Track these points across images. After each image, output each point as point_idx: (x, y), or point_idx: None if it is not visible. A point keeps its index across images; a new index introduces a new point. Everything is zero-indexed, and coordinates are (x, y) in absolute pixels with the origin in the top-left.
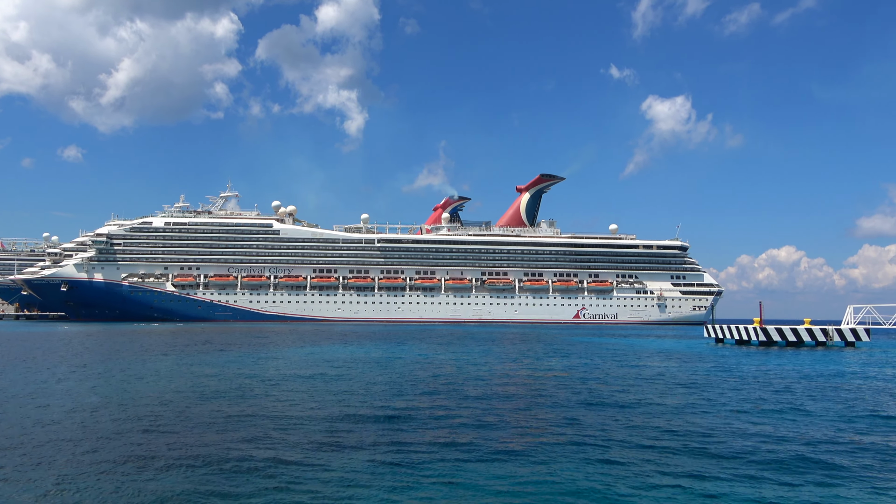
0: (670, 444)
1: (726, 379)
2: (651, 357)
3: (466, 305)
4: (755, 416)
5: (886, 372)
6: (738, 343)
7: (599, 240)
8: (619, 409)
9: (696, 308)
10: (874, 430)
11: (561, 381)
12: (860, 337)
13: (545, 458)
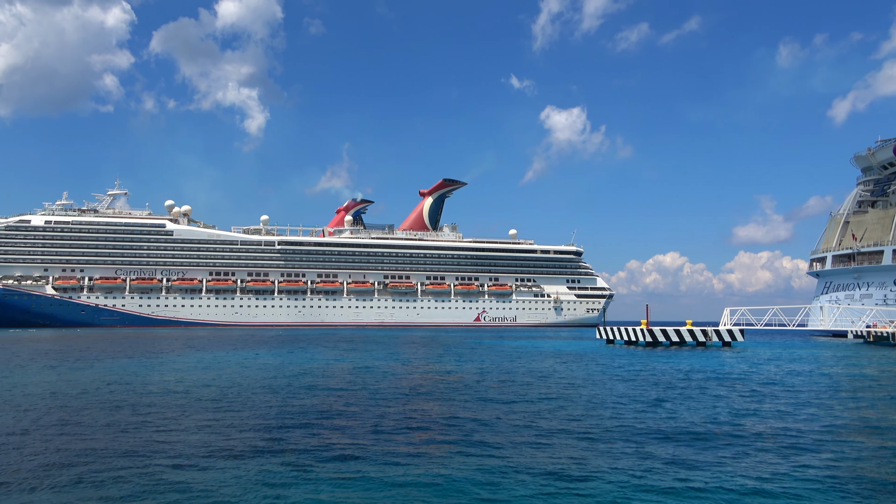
0: (564, 441)
1: (612, 377)
2: (547, 358)
3: (369, 309)
4: (632, 411)
5: (749, 368)
6: (627, 344)
7: (500, 244)
8: (511, 408)
9: (589, 311)
10: (734, 422)
11: (459, 384)
12: (735, 337)
13: (439, 461)
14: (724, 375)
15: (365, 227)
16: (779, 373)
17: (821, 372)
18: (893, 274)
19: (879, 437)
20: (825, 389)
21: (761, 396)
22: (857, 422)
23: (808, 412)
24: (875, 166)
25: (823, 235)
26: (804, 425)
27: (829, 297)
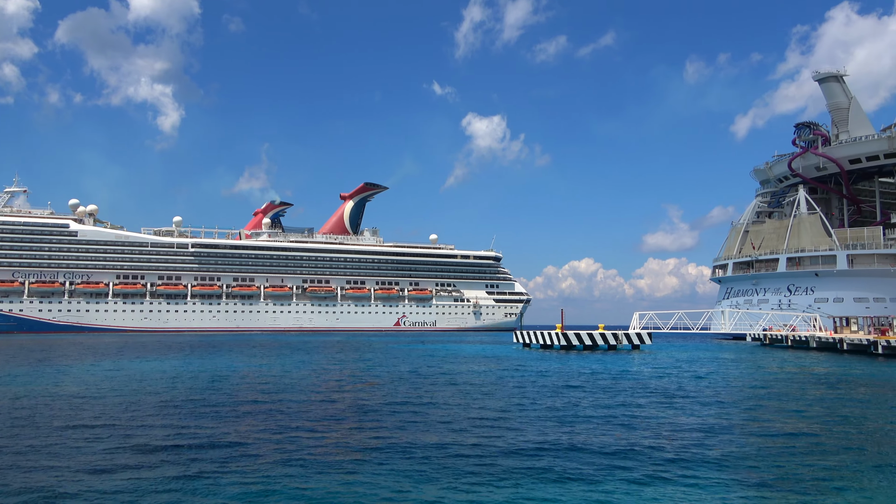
0: (477, 442)
1: (527, 380)
2: (463, 362)
3: (287, 314)
4: (539, 412)
5: (653, 370)
6: (542, 347)
7: (420, 249)
8: (430, 412)
9: (507, 315)
10: (632, 421)
11: (377, 388)
12: (644, 340)
13: (352, 467)
14: (631, 377)
15: (284, 230)
16: (680, 373)
17: (719, 373)
18: (787, 280)
19: (769, 436)
20: (722, 389)
21: (662, 397)
22: (748, 419)
23: (701, 410)
24: (772, 179)
25: (725, 244)
26: (695, 420)
27: (730, 301)
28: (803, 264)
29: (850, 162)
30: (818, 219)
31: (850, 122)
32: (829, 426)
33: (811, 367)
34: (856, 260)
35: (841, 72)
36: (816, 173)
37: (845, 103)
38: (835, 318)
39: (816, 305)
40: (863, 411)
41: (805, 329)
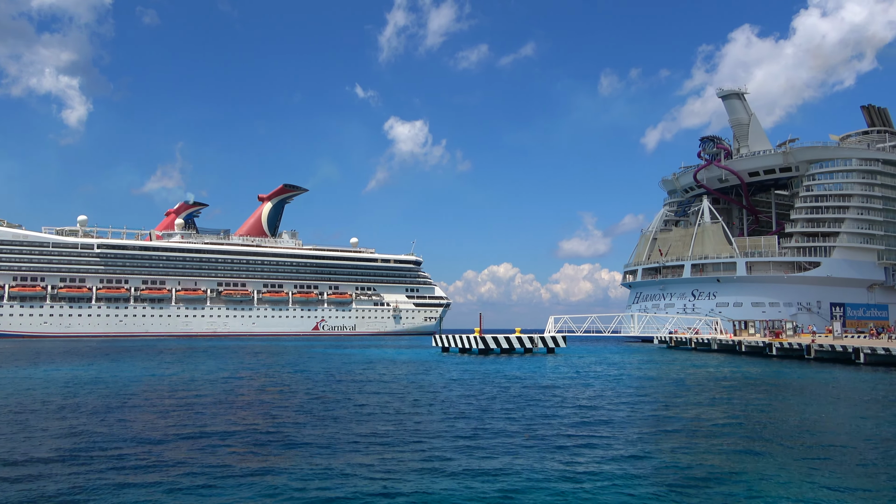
0: (388, 445)
1: (440, 384)
2: (380, 366)
3: (200, 318)
4: (449, 415)
5: (566, 371)
6: (461, 351)
7: (340, 253)
8: (338, 420)
9: (427, 319)
10: (540, 423)
11: (287, 396)
12: (558, 343)
13: (254, 479)
14: (543, 379)
15: (198, 231)
16: (589, 375)
17: (626, 374)
18: (692, 286)
19: (672, 432)
20: (628, 389)
21: (571, 397)
22: (652, 417)
23: (609, 409)
24: (679, 189)
25: (635, 250)
26: (603, 419)
27: (639, 306)
28: (706, 271)
29: (749, 175)
30: (720, 228)
31: (749, 138)
32: (725, 422)
33: (711, 368)
34: (754, 267)
35: (742, 90)
36: (719, 185)
37: (746, 119)
38: (734, 321)
39: (718, 309)
40: (757, 407)
41: (708, 332)
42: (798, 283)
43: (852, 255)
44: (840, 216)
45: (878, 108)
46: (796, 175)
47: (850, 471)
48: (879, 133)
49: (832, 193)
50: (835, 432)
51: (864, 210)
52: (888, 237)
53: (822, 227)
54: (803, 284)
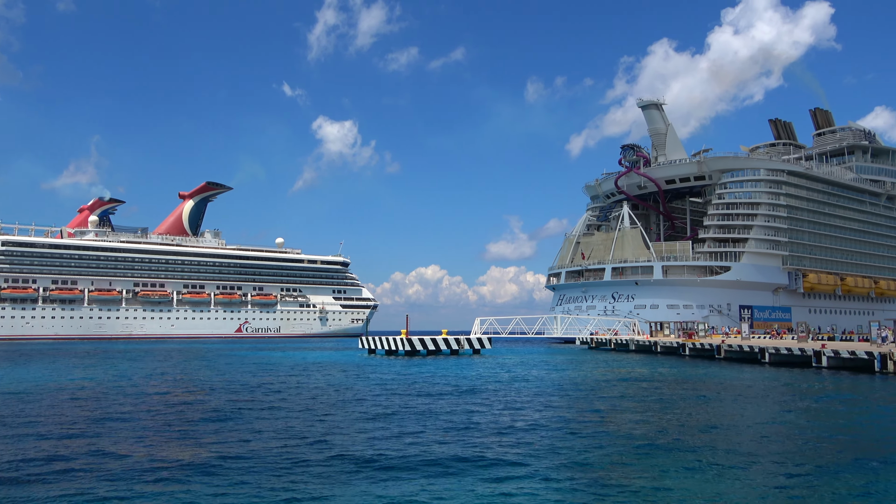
0: (301, 451)
1: (365, 386)
2: (304, 369)
3: (115, 320)
4: (371, 417)
5: (489, 371)
6: (387, 353)
7: (265, 253)
8: (254, 424)
9: (354, 321)
10: (469, 420)
11: (201, 401)
12: (484, 345)
13: (169, 476)
14: (468, 380)
15: (114, 229)
16: (513, 375)
17: (547, 374)
18: (612, 288)
19: (589, 431)
20: (549, 388)
21: (494, 398)
22: (572, 415)
23: (529, 409)
24: (601, 195)
25: (559, 254)
26: (523, 419)
27: (562, 308)
28: (626, 274)
29: (666, 182)
30: (639, 233)
31: (667, 147)
32: (637, 420)
33: (628, 368)
34: (669, 271)
35: (660, 101)
36: (639, 191)
37: (663, 129)
38: (651, 323)
39: (636, 311)
40: (668, 406)
41: (626, 333)
42: (710, 286)
43: (759, 260)
44: (749, 223)
45: (784, 122)
46: (709, 183)
47: (749, 462)
48: (785, 145)
49: (742, 201)
50: (737, 427)
51: (771, 218)
52: (792, 244)
53: (732, 233)
54: (715, 287)
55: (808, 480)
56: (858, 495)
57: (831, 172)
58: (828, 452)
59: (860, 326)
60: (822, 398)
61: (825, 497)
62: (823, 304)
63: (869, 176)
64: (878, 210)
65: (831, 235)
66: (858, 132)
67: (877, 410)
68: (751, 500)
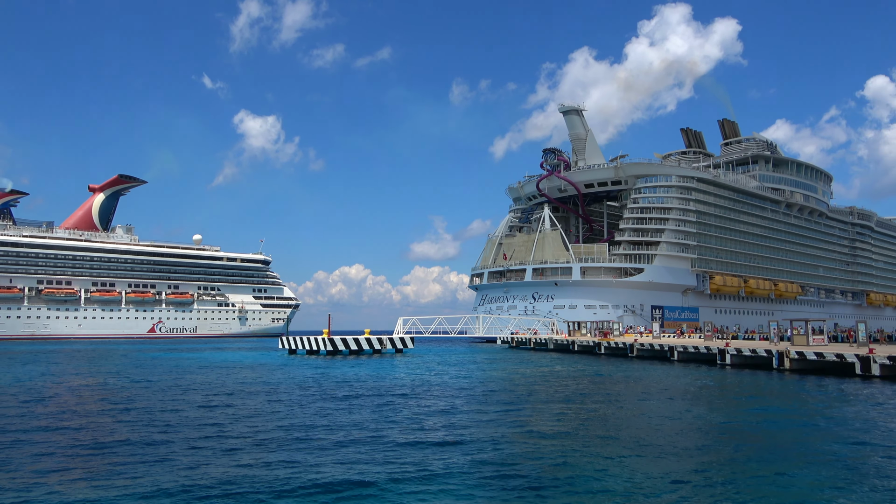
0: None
1: (281, 387)
2: (220, 370)
3: (16, 319)
4: (284, 421)
5: (409, 371)
6: (309, 353)
7: (182, 250)
8: (154, 433)
9: (275, 321)
10: (383, 420)
11: (109, 402)
12: (406, 344)
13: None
14: (389, 380)
15: (15, 222)
16: (432, 375)
17: (468, 372)
18: (532, 289)
19: (509, 429)
20: (467, 385)
21: (414, 397)
22: (491, 414)
23: (449, 409)
24: (523, 197)
25: (482, 254)
26: (442, 417)
27: (485, 307)
28: (546, 275)
29: (585, 186)
30: (559, 235)
31: (586, 152)
32: (553, 415)
33: (546, 367)
34: (587, 272)
35: (581, 107)
36: (559, 194)
37: (583, 135)
38: (569, 322)
39: (555, 311)
40: (583, 401)
41: (546, 332)
42: (625, 287)
43: (670, 262)
44: (661, 227)
45: (694, 132)
46: (625, 188)
47: (657, 455)
48: (695, 153)
49: (655, 206)
50: (644, 422)
51: (681, 222)
52: (700, 247)
53: (645, 236)
54: (629, 288)
55: (709, 471)
56: (758, 486)
57: (737, 180)
58: (728, 445)
59: (761, 326)
60: (724, 394)
61: (724, 488)
62: (728, 305)
63: (770, 184)
64: (778, 217)
65: (736, 240)
66: (762, 143)
67: (773, 405)
68: (657, 491)
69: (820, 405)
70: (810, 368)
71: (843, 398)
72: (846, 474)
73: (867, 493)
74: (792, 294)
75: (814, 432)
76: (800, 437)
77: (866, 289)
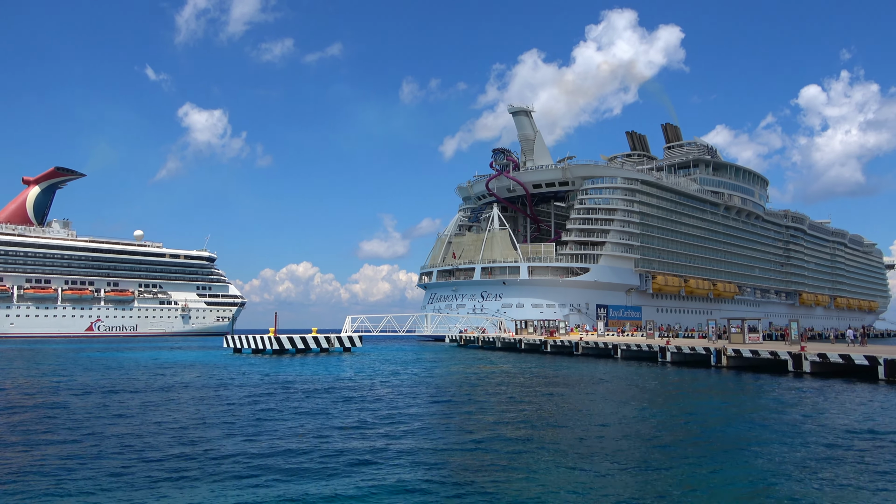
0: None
1: (223, 387)
2: (159, 370)
3: None
4: (226, 420)
5: (356, 371)
6: (254, 352)
7: (122, 246)
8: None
9: (220, 319)
10: (328, 422)
11: (29, 409)
12: (355, 343)
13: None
14: (335, 379)
15: None
16: (380, 372)
17: (415, 371)
18: (481, 288)
19: (457, 427)
20: (415, 384)
21: (361, 396)
22: (438, 413)
23: (395, 408)
24: (472, 196)
25: (431, 253)
26: (387, 417)
27: (433, 306)
28: (494, 274)
29: (533, 186)
30: (507, 234)
31: (535, 152)
32: (499, 413)
33: (493, 365)
34: (535, 271)
35: (530, 108)
36: (508, 194)
37: (532, 136)
38: (517, 321)
39: (503, 310)
40: (529, 398)
41: (493, 331)
42: (571, 286)
43: (615, 262)
44: (606, 228)
45: (638, 135)
46: (572, 189)
47: (598, 450)
48: (640, 156)
49: (600, 207)
50: (588, 419)
51: (626, 223)
52: (643, 248)
53: (591, 236)
54: (575, 288)
55: (650, 466)
56: (695, 478)
57: (679, 183)
58: (667, 440)
59: (700, 325)
60: (665, 390)
61: (664, 482)
62: (670, 304)
63: (710, 187)
64: (717, 219)
65: (677, 241)
66: (702, 147)
67: (712, 401)
68: (596, 487)
69: (755, 401)
70: (746, 366)
71: (777, 394)
72: (780, 467)
73: (797, 485)
74: (729, 294)
75: (750, 426)
76: (737, 431)
77: (799, 289)
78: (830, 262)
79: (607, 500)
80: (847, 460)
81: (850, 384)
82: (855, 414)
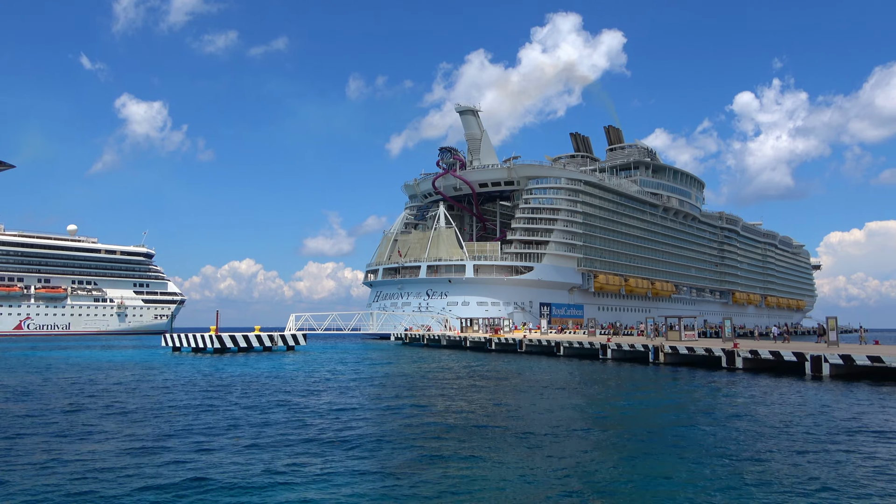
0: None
1: (158, 387)
2: (88, 370)
3: None
4: (164, 419)
5: (298, 369)
6: (195, 351)
7: (54, 241)
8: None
9: (158, 317)
10: (265, 421)
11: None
12: (298, 341)
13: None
14: (276, 378)
15: None
16: (324, 370)
17: (359, 369)
18: (427, 286)
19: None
20: (359, 383)
21: (302, 396)
22: (380, 411)
23: (335, 401)
24: (419, 195)
25: (377, 250)
26: (330, 416)
27: (379, 304)
28: (440, 272)
29: (479, 185)
30: (454, 232)
31: (481, 152)
32: (442, 410)
33: (437, 363)
34: (480, 269)
35: (476, 108)
36: (454, 193)
37: (479, 135)
38: (462, 319)
39: (449, 308)
40: (472, 394)
41: (439, 329)
42: (515, 284)
43: (558, 261)
44: (550, 227)
45: (582, 137)
46: (517, 189)
47: (542, 445)
48: (583, 157)
49: (545, 207)
50: (530, 414)
51: (569, 223)
52: (586, 247)
53: (536, 236)
54: (519, 286)
55: (589, 460)
56: (634, 472)
57: (620, 184)
58: (605, 433)
59: (639, 322)
60: (605, 386)
61: (602, 473)
62: (611, 303)
63: (650, 189)
64: (656, 220)
65: (618, 241)
66: (643, 150)
67: (649, 397)
68: (537, 480)
69: (690, 395)
70: (682, 362)
71: (711, 388)
72: (714, 460)
73: (732, 476)
74: (667, 293)
75: (685, 420)
76: (672, 423)
77: (732, 288)
78: (762, 263)
79: (545, 488)
80: (772, 450)
81: (777, 379)
82: (781, 406)
